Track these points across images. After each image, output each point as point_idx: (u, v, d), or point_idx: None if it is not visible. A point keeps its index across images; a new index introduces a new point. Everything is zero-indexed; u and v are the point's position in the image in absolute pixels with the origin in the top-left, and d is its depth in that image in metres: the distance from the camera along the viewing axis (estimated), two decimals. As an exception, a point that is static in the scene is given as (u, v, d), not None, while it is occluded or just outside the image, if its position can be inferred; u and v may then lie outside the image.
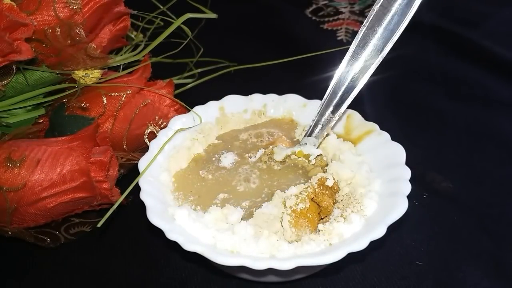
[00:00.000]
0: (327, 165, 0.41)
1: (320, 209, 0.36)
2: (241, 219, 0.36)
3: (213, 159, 0.42)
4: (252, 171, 0.41)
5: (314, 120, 0.41)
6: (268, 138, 0.45)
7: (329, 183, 0.37)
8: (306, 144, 0.41)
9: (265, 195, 0.38)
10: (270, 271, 0.30)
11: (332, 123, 0.41)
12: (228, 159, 0.42)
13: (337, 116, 0.40)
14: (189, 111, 0.45)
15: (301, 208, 0.35)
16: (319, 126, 0.41)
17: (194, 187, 0.40)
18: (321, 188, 0.37)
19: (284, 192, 0.37)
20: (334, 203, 0.37)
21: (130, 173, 0.47)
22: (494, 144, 0.53)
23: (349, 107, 0.45)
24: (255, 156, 0.42)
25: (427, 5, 0.76)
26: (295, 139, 0.45)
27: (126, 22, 0.52)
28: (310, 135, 0.42)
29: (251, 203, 0.38)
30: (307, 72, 0.63)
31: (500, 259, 0.41)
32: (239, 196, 0.38)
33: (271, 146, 0.42)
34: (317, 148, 0.41)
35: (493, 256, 0.41)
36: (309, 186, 0.36)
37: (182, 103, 0.47)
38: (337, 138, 0.43)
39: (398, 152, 0.39)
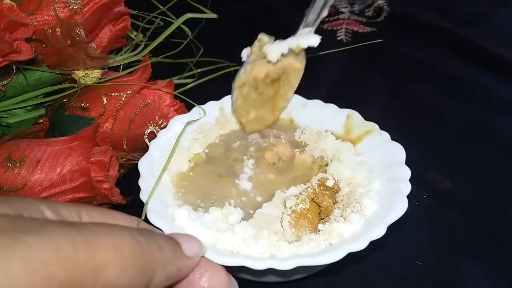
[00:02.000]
0: (327, 165, 0.41)
1: (320, 209, 0.36)
2: (241, 220, 0.36)
3: (212, 160, 0.42)
4: (251, 172, 0.41)
5: (308, 10, 0.37)
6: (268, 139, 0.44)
7: (329, 183, 0.37)
8: (301, 35, 0.37)
9: (266, 195, 0.38)
10: (270, 271, 0.30)
11: (330, 4, 0.37)
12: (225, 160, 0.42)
13: None
14: (190, 109, 0.45)
15: (301, 209, 0.35)
16: (314, 14, 0.37)
17: (194, 187, 0.40)
18: (321, 188, 0.36)
19: (284, 192, 0.37)
20: (334, 203, 0.37)
21: (130, 173, 0.47)
22: (494, 144, 0.53)
23: (348, 107, 0.45)
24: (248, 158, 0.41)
25: (427, 5, 0.76)
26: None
27: (126, 22, 0.52)
28: (305, 26, 0.38)
29: (251, 204, 0.38)
30: (307, 72, 0.63)
31: (500, 259, 0.41)
32: (239, 196, 0.38)
33: (258, 39, 0.38)
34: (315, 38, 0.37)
35: (493, 256, 0.41)
36: (309, 187, 0.36)
37: (186, 98, 0.47)
38: (336, 138, 0.43)
39: (398, 152, 0.39)
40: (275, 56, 0.37)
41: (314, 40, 0.36)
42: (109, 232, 0.22)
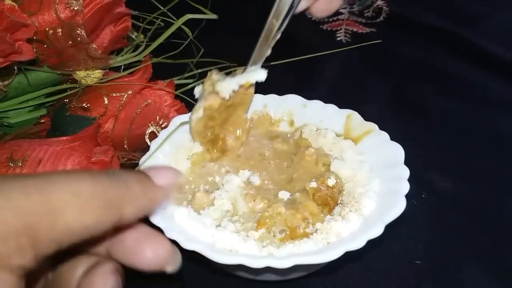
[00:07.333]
0: (329, 164, 0.40)
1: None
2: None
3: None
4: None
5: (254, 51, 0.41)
6: None
7: (331, 182, 0.37)
8: (250, 72, 0.41)
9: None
10: (268, 269, 0.30)
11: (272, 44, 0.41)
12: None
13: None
14: (191, 109, 0.45)
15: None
16: (260, 54, 0.41)
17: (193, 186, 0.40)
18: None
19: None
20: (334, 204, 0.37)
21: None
22: (494, 144, 0.53)
23: (348, 107, 0.45)
24: None
25: (426, 6, 0.76)
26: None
27: (127, 23, 0.52)
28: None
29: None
30: (306, 72, 0.63)
31: (500, 259, 0.41)
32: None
33: (209, 77, 0.42)
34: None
35: (493, 256, 0.41)
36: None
37: (186, 98, 0.48)
38: (337, 136, 0.43)
39: (397, 151, 0.39)
40: (227, 93, 0.41)
41: (262, 75, 0.41)
42: (66, 177, 0.22)
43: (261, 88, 0.49)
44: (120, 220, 0.23)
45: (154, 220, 0.33)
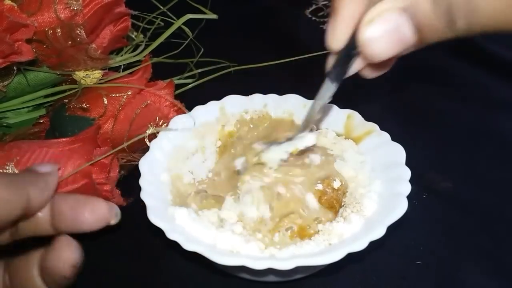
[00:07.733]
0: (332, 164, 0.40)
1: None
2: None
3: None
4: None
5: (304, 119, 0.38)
6: None
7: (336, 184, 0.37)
8: (298, 138, 0.37)
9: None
10: (270, 270, 0.30)
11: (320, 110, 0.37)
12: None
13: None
14: (190, 109, 0.45)
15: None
16: (309, 120, 0.37)
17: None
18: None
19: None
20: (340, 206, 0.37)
21: (131, 174, 0.47)
22: (494, 144, 0.53)
23: (348, 107, 0.45)
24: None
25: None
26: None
27: (127, 23, 0.52)
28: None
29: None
30: (307, 72, 0.63)
31: (500, 259, 0.41)
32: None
33: (248, 148, 0.39)
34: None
35: (493, 256, 0.41)
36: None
37: (180, 105, 0.47)
38: (338, 136, 0.43)
39: (398, 152, 0.39)
40: (276, 164, 0.37)
41: (311, 140, 0.37)
42: None
43: (261, 88, 0.49)
44: (28, 200, 0.27)
45: (155, 221, 0.33)
